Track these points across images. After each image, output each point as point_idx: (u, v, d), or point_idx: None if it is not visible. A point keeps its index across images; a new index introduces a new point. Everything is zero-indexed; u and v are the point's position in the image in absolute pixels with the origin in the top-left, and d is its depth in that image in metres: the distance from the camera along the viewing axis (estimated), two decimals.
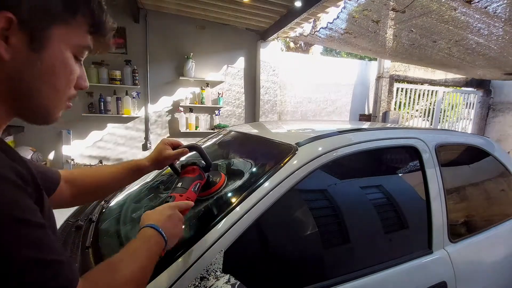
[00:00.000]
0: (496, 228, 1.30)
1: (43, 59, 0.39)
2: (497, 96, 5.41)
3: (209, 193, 0.80)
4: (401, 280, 0.96)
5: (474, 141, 1.46)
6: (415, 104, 5.12)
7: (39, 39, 0.38)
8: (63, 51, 0.41)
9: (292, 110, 4.41)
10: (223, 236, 0.72)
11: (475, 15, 2.17)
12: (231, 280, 0.69)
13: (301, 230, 0.91)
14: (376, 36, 2.90)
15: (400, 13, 2.30)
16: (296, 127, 1.58)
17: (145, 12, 3.34)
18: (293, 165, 0.86)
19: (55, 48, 0.40)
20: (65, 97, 0.44)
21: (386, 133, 1.18)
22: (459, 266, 1.08)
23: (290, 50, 7.87)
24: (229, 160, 1.23)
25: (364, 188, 1.09)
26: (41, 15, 0.38)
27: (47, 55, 0.39)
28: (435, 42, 2.83)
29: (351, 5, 2.40)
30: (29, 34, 0.37)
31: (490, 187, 1.49)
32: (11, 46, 0.36)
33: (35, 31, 0.38)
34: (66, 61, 0.42)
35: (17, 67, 0.38)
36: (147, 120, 3.59)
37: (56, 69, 0.41)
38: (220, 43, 3.77)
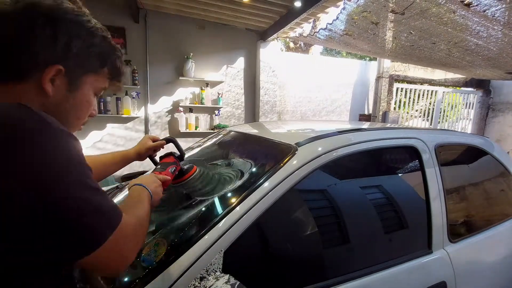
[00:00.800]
0: (495, 228, 1.30)
1: (75, 97, 0.52)
2: (497, 96, 5.42)
3: (182, 179, 0.89)
4: (401, 280, 0.96)
5: (474, 141, 1.46)
6: (414, 104, 5.12)
7: (75, 84, 0.52)
8: (89, 92, 0.55)
9: (292, 110, 4.41)
10: (223, 236, 0.72)
11: (474, 18, 2.17)
12: (230, 280, 0.69)
13: (301, 230, 0.91)
14: (375, 38, 2.91)
15: (399, 15, 2.30)
16: (295, 127, 1.58)
17: (145, 12, 3.34)
18: (293, 165, 0.86)
19: (84, 90, 0.54)
20: (81, 123, 0.57)
21: (385, 133, 1.19)
22: (459, 266, 1.08)
23: (290, 50, 7.87)
24: (229, 160, 1.23)
25: (364, 188, 1.09)
26: (79, 68, 0.52)
27: (78, 94, 0.53)
28: (434, 44, 2.83)
29: (351, 6, 2.40)
30: (69, 80, 0.50)
31: (490, 187, 1.49)
32: (54, 86, 0.49)
33: (73, 78, 0.51)
34: (90, 99, 0.56)
35: (56, 102, 0.50)
36: (146, 120, 3.59)
37: (82, 106, 0.55)
38: (220, 43, 3.77)
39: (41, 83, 0.47)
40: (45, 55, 0.47)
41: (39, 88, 0.47)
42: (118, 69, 0.59)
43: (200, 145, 1.55)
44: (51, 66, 0.47)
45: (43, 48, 0.46)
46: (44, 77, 0.47)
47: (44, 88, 0.47)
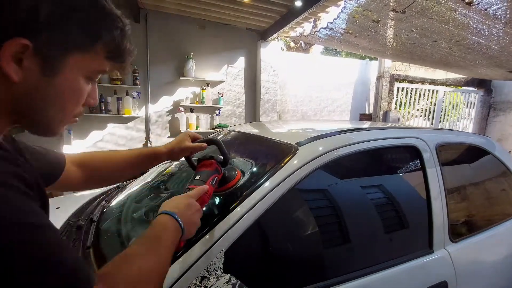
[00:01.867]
0: (497, 228, 1.30)
1: (54, 84, 0.39)
2: (498, 95, 5.40)
3: (225, 188, 0.79)
4: (402, 279, 0.96)
5: (475, 140, 1.46)
6: (415, 104, 5.11)
7: (52, 66, 0.38)
8: (76, 78, 0.41)
9: (293, 109, 4.41)
10: (224, 236, 0.72)
11: (475, 16, 2.16)
12: (231, 280, 0.69)
13: (301, 230, 0.91)
14: (376, 36, 2.90)
15: (400, 13, 2.30)
16: (296, 127, 1.58)
17: (145, 12, 3.34)
18: (293, 164, 0.86)
19: (67, 75, 0.40)
20: (71, 115, 0.44)
21: (386, 132, 1.18)
22: (460, 265, 1.08)
23: (290, 49, 7.87)
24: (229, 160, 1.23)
25: (364, 188, 1.09)
26: (58, 44, 0.38)
27: (59, 81, 0.40)
28: (436, 42, 2.83)
29: (351, 5, 2.40)
30: (43, 60, 0.37)
31: (491, 186, 1.49)
32: (23, 68, 0.36)
33: (49, 58, 0.38)
34: (78, 86, 0.42)
35: (27, 89, 0.38)
36: (147, 120, 3.59)
37: (65, 94, 0.41)
38: (220, 43, 3.77)
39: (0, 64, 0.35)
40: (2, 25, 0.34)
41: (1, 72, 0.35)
42: (117, 44, 0.44)
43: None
44: (10, 40, 0.34)
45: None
46: (3, 56, 0.34)
47: (4, 71, 0.35)
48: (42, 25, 0.36)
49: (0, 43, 0.34)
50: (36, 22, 0.35)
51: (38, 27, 0.36)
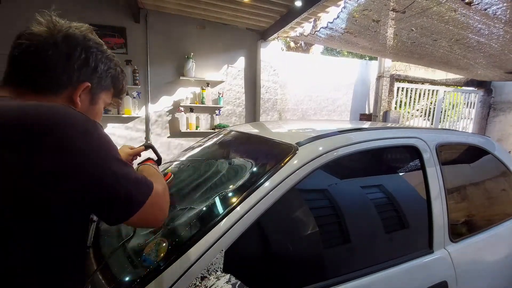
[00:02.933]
0: (497, 228, 1.30)
1: (94, 109, 0.65)
2: (498, 95, 5.40)
3: None
4: (402, 279, 0.96)
5: (475, 140, 1.46)
6: (415, 104, 5.11)
7: (95, 98, 0.65)
8: (101, 106, 0.68)
9: (293, 108, 4.41)
10: (223, 236, 0.72)
11: (475, 16, 2.16)
12: (231, 279, 0.69)
13: (301, 230, 0.91)
14: (376, 35, 2.90)
15: (400, 13, 2.30)
16: (296, 127, 1.58)
17: (145, 12, 3.34)
18: (293, 164, 0.86)
19: (100, 104, 0.67)
20: None
21: (386, 132, 1.18)
22: (460, 265, 1.08)
23: (290, 49, 7.86)
24: (229, 160, 1.23)
25: (364, 188, 1.09)
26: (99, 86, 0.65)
27: (96, 107, 0.66)
28: (436, 41, 2.83)
29: (351, 5, 2.40)
30: (92, 95, 0.64)
31: (491, 186, 1.49)
32: (81, 100, 0.61)
33: (94, 94, 0.64)
34: (101, 111, 0.69)
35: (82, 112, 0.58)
36: (147, 120, 3.59)
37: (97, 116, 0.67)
38: (220, 43, 3.77)
39: (72, 96, 0.59)
40: (79, 75, 0.59)
41: (69, 102, 0.59)
42: (122, 89, 0.73)
43: (200, 145, 1.55)
44: (82, 83, 0.60)
45: (78, 69, 0.59)
46: (77, 92, 0.59)
47: (74, 101, 0.59)
48: (96, 75, 0.63)
49: (77, 84, 0.59)
50: (95, 74, 0.62)
51: (94, 77, 0.62)
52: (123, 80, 0.72)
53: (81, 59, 0.59)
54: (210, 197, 0.95)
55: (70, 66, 0.58)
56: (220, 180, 1.06)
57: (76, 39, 0.58)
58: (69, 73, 0.58)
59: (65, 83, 0.58)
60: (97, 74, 0.62)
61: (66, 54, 0.57)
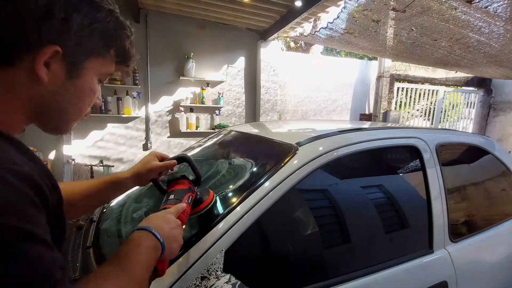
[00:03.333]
0: (497, 228, 1.30)
1: (76, 85, 0.45)
2: (498, 95, 5.40)
3: (197, 210, 0.72)
4: (402, 279, 0.96)
5: (475, 140, 1.46)
6: (415, 104, 5.11)
7: (76, 69, 0.44)
8: (93, 79, 0.47)
9: (293, 109, 4.41)
10: (224, 236, 0.72)
11: (475, 14, 2.16)
12: (231, 279, 0.69)
13: (301, 230, 0.91)
14: (376, 36, 2.90)
15: (400, 12, 2.29)
16: (296, 127, 1.58)
17: (145, 12, 3.34)
18: (293, 164, 0.86)
19: (87, 77, 0.46)
20: (83, 114, 0.49)
21: (386, 132, 1.18)
22: (460, 265, 1.08)
23: (290, 49, 7.86)
24: (229, 160, 1.23)
25: (364, 188, 1.09)
26: (82, 49, 0.44)
27: (80, 82, 0.45)
28: (436, 41, 2.83)
29: (351, 5, 2.40)
30: (69, 64, 0.43)
31: (491, 186, 1.49)
32: (51, 71, 0.41)
33: (74, 63, 0.43)
34: (94, 86, 0.48)
35: (53, 90, 0.42)
36: (147, 120, 3.59)
37: (84, 94, 0.47)
38: (220, 43, 3.77)
39: (33, 67, 0.39)
40: (39, 34, 0.38)
41: (32, 74, 0.39)
42: (127, 51, 0.51)
43: (200, 145, 1.55)
44: (45, 47, 0.39)
45: (36, 24, 0.38)
46: (38, 60, 0.39)
47: (37, 73, 0.39)
48: (71, 34, 0.41)
49: (37, 49, 0.39)
50: (67, 32, 0.41)
51: (68, 36, 0.41)
52: (127, 38, 0.50)
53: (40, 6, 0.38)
54: None
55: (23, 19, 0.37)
56: (220, 180, 1.06)
57: None
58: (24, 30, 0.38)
59: (19, 45, 0.38)
60: (71, 32, 0.41)
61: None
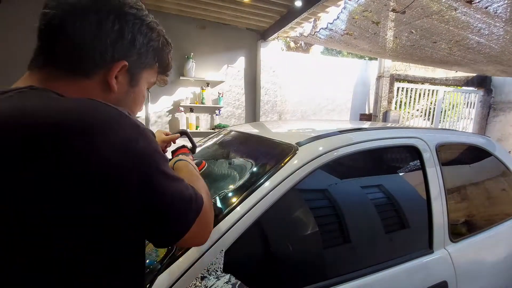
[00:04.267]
0: (497, 228, 1.30)
1: (135, 92, 0.54)
2: (498, 95, 5.40)
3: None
4: (401, 279, 0.96)
5: (475, 140, 1.46)
6: (415, 104, 5.11)
7: (135, 79, 0.53)
8: (144, 87, 0.57)
9: (293, 109, 4.41)
10: (223, 236, 0.72)
11: (475, 15, 2.16)
12: (231, 279, 0.69)
13: (301, 230, 0.91)
14: (376, 37, 2.90)
15: (400, 14, 2.29)
16: (296, 127, 1.58)
17: None
18: (293, 164, 0.86)
19: (141, 85, 0.55)
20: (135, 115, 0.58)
21: (386, 132, 1.18)
22: (460, 265, 1.08)
23: (290, 49, 7.87)
24: (229, 160, 1.23)
25: (364, 188, 1.09)
26: (141, 63, 0.53)
27: (137, 89, 0.55)
28: (435, 43, 2.83)
29: (351, 5, 2.40)
30: (131, 75, 0.52)
31: (491, 186, 1.49)
32: (118, 82, 0.50)
33: (134, 74, 0.52)
34: (144, 93, 0.58)
35: (118, 97, 0.51)
36: (147, 120, 3.59)
37: (139, 99, 0.57)
38: (220, 43, 3.77)
39: (107, 79, 0.48)
40: (113, 52, 0.47)
41: (104, 85, 0.49)
42: (168, 64, 0.60)
43: (200, 145, 1.55)
44: (117, 62, 0.48)
45: (111, 45, 0.47)
46: (111, 73, 0.48)
47: (110, 84, 0.49)
48: (135, 51, 0.50)
49: (110, 64, 0.48)
50: (132, 49, 0.50)
51: (133, 53, 0.50)
52: (169, 53, 0.59)
53: (114, 30, 0.46)
54: (210, 197, 0.95)
55: (101, 40, 0.46)
56: (220, 180, 1.06)
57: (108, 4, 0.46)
58: (101, 50, 0.46)
59: (97, 62, 0.47)
60: (135, 49, 0.50)
61: (96, 24, 0.45)
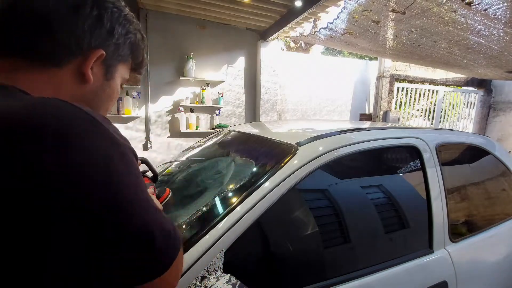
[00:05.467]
0: (497, 228, 1.30)
1: (110, 86, 0.50)
2: (498, 95, 5.40)
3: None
4: (402, 279, 0.96)
5: (475, 140, 1.46)
6: (415, 104, 5.11)
7: (111, 72, 0.49)
8: (119, 82, 0.53)
9: (293, 109, 4.41)
10: (224, 236, 0.72)
11: (475, 17, 2.16)
12: (231, 280, 0.69)
13: (301, 230, 0.91)
14: (376, 36, 2.90)
15: (400, 14, 2.30)
16: (296, 127, 1.58)
17: (145, 12, 3.34)
18: (293, 164, 0.86)
19: (116, 79, 0.52)
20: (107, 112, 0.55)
21: (386, 132, 1.18)
22: (460, 265, 1.08)
23: (290, 49, 7.87)
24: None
25: (364, 188, 1.09)
26: (117, 56, 0.49)
27: (112, 84, 0.51)
28: (436, 42, 2.83)
29: (351, 5, 2.40)
30: (106, 67, 0.48)
31: (491, 186, 1.49)
32: (93, 74, 0.46)
33: (110, 66, 0.49)
34: (118, 88, 0.54)
35: (93, 90, 0.47)
36: (147, 120, 3.59)
37: (114, 95, 0.53)
38: (220, 43, 3.77)
39: (82, 69, 0.44)
40: (90, 38, 0.43)
41: (78, 76, 0.44)
42: (143, 60, 0.57)
43: (200, 145, 1.55)
44: (95, 50, 0.44)
45: (89, 30, 0.43)
46: (87, 62, 0.44)
47: (85, 74, 0.44)
48: (113, 41, 0.47)
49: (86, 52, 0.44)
50: (110, 39, 0.47)
51: (110, 43, 0.47)
52: (143, 50, 0.56)
53: (93, 16, 0.43)
54: (210, 197, 0.95)
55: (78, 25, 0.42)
56: (220, 180, 1.06)
57: None
58: (77, 35, 0.42)
59: (72, 49, 0.42)
60: (113, 39, 0.47)
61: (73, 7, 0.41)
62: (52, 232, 0.32)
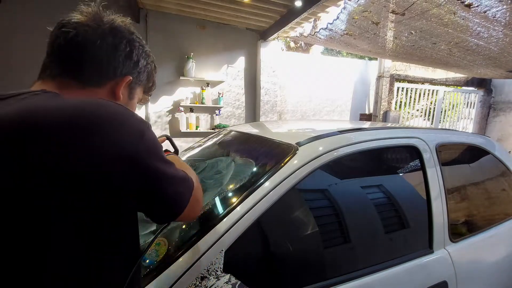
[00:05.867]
0: (497, 228, 1.30)
1: (131, 104, 0.65)
2: (498, 95, 5.40)
3: None
4: (401, 279, 0.96)
5: (475, 140, 1.46)
6: (415, 104, 5.11)
7: (133, 93, 0.64)
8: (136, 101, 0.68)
9: (293, 109, 4.41)
10: (223, 236, 0.72)
11: (474, 19, 2.16)
12: (231, 280, 0.69)
13: (301, 230, 0.91)
14: (376, 38, 2.90)
15: (399, 15, 2.30)
16: (296, 127, 1.58)
17: (145, 12, 3.34)
18: (293, 164, 0.86)
19: (135, 99, 0.66)
20: None
21: (386, 132, 1.18)
22: (460, 265, 1.08)
23: (290, 49, 7.87)
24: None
25: (364, 188, 1.09)
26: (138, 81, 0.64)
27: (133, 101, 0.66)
28: (435, 44, 2.83)
29: (351, 5, 2.40)
30: (130, 89, 0.63)
31: (491, 186, 1.49)
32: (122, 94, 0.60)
33: (132, 88, 0.64)
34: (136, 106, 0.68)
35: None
36: (147, 120, 3.59)
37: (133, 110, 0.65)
38: (220, 43, 3.77)
39: (115, 89, 0.59)
40: (123, 68, 0.59)
41: (111, 94, 0.59)
42: (153, 84, 0.73)
43: (200, 145, 1.55)
44: (125, 77, 0.60)
45: (123, 62, 0.59)
46: (120, 85, 0.59)
47: (116, 94, 0.59)
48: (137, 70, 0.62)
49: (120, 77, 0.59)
50: (136, 68, 0.62)
51: (135, 71, 0.62)
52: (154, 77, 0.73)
53: (126, 51, 0.59)
54: (210, 197, 0.95)
55: (115, 58, 0.57)
56: (220, 180, 1.06)
57: (122, 31, 0.59)
58: (114, 65, 0.58)
59: (110, 75, 0.58)
60: (137, 68, 0.62)
61: (112, 45, 0.57)
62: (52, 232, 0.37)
